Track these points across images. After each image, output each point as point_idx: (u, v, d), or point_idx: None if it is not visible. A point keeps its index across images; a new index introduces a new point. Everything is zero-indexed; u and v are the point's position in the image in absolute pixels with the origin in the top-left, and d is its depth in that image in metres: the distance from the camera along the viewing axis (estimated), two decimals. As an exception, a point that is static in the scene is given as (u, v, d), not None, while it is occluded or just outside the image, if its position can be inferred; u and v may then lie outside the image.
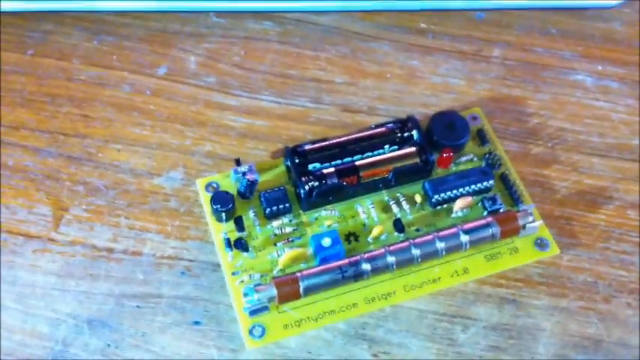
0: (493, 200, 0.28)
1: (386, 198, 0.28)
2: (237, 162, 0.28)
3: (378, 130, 0.29)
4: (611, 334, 0.26)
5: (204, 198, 0.27)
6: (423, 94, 0.32)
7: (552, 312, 0.26)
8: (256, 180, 0.27)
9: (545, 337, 0.26)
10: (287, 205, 0.27)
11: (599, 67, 0.33)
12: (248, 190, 0.27)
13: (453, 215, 0.28)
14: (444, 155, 0.28)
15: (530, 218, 0.27)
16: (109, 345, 0.25)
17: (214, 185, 0.28)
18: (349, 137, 0.28)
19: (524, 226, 0.27)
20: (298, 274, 0.25)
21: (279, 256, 0.26)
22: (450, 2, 0.34)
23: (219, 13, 0.33)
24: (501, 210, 0.28)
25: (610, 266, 0.28)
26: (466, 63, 0.33)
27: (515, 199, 0.28)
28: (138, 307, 0.26)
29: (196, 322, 0.25)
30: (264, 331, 0.25)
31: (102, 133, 0.30)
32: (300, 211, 0.28)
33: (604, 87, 0.33)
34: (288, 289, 0.25)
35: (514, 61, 0.33)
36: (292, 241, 0.27)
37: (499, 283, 0.27)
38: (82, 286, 0.26)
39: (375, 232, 0.27)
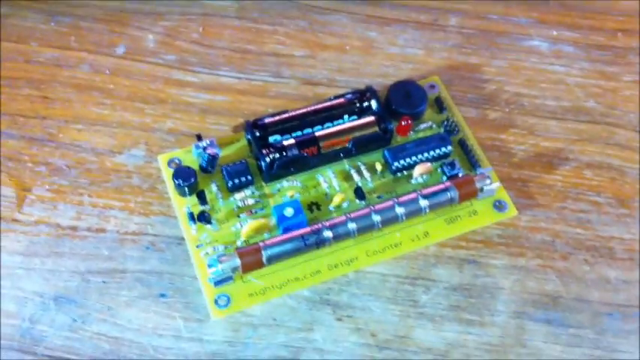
0: (452, 165, 0.29)
1: (347, 167, 0.29)
2: (199, 137, 0.28)
3: (337, 101, 0.29)
4: (569, 290, 0.27)
5: (167, 174, 0.28)
6: (381, 65, 0.32)
7: (511, 271, 0.27)
8: (217, 154, 0.27)
9: (504, 295, 0.27)
10: (249, 177, 0.27)
11: (554, 32, 0.34)
12: (210, 165, 0.27)
13: (413, 181, 0.28)
14: (403, 123, 0.29)
15: (488, 181, 0.28)
16: (75, 320, 0.25)
17: (176, 161, 0.28)
18: (309, 109, 0.29)
19: (481, 189, 0.28)
20: (261, 244, 0.26)
21: (242, 227, 0.27)
22: (407, -27, 0.34)
23: (177, -9, 0.34)
24: (460, 174, 0.28)
25: (567, 225, 0.28)
26: (424, 33, 0.33)
27: (473, 163, 0.29)
28: (104, 282, 0.26)
29: (162, 295, 0.26)
30: (229, 300, 0.25)
31: (62, 114, 0.30)
32: (263, 183, 0.28)
33: (559, 51, 0.33)
34: (251, 258, 0.25)
35: (470, 29, 0.34)
36: (255, 212, 0.27)
37: (459, 245, 0.28)
38: (48, 264, 0.26)
39: (337, 200, 0.27)
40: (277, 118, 0.28)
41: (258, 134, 0.28)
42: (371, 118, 0.29)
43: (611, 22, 0.35)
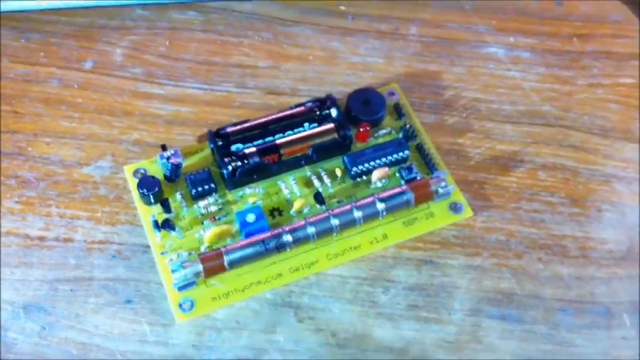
0: (409, 169, 0.30)
1: (308, 173, 0.30)
2: (164, 147, 0.29)
3: (298, 109, 0.30)
4: (523, 287, 0.28)
5: (132, 184, 0.29)
6: (343, 74, 0.33)
7: (467, 270, 0.28)
8: (180, 163, 0.28)
9: (460, 293, 0.28)
10: (212, 185, 0.28)
11: (511, 39, 0.35)
12: (173, 174, 0.28)
13: (372, 186, 0.30)
14: (361, 130, 0.30)
15: (443, 184, 0.29)
16: (44, 328, 0.26)
17: (142, 171, 0.29)
18: (270, 118, 0.30)
19: (437, 192, 0.29)
20: (223, 249, 0.26)
21: (205, 233, 0.28)
22: (368, -16, 0.36)
23: (144, 6, 0.34)
24: (417, 178, 0.30)
25: (521, 225, 0.29)
26: (384, 42, 0.35)
27: (430, 167, 0.30)
28: (71, 290, 0.27)
29: (128, 301, 0.27)
30: (192, 304, 0.26)
31: (31, 128, 0.31)
32: (226, 191, 0.29)
33: (516, 57, 0.34)
34: (213, 263, 0.26)
35: (430, 38, 0.35)
36: (219, 219, 0.28)
37: (417, 246, 0.29)
38: (17, 274, 0.27)
39: (297, 205, 0.28)
40: (239, 127, 0.29)
41: (220, 143, 0.29)
42: (330, 126, 0.30)
43: (566, 27, 0.36)
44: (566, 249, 0.29)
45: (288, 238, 0.27)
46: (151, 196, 0.28)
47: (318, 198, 0.29)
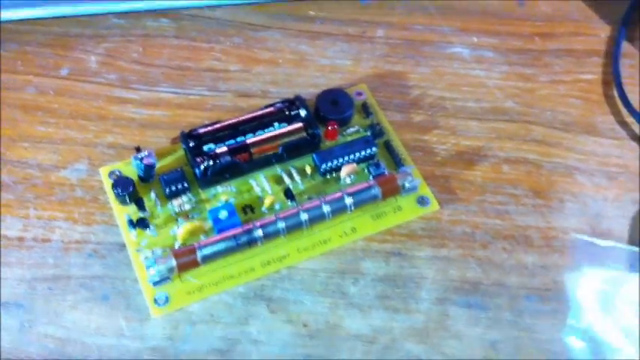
0: (377, 166, 0.31)
1: (279, 171, 0.31)
2: (138, 149, 0.30)
3: (268, 110, 0.31)
4: (488, 276, 0.29)
5: (108, 185, 0.30)
6: (312, 76, 0.34)
7: (434, 261, 0.29)
8: (153, 163, 0.29)
9: (428, 283, 0.29)
10: (185, 184, 0.29)
11: (475, 39, 0.36)
12: (147, 174, 0.29)
13: (342, 182, 0.31)
14: (329, 128, 0.31)
15: (409, 178, 0.30)
16: (23, 324, 0.27)
17: (117, 173, 0.30)
18: (240, 118, 0.31)
19: (403, 186, 0.30)
20: (196, 245, 0.27)
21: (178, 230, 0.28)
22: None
23: (118, 14, 0.35)
24: (385, 174, 0.31)
25: (486, 217, 0.30)
26: (352, 45, 0.36)
27: (397, 162, 0.31)
28: (49, 288, 0.27)
29: (105, 298, 0.27)
30: (167, 299, 0.27)
31: (9, 134, 0.31)
32: (199, 190, 0.30)
33: (480, 57, 0.36)
34: (187, 259, 0.27)
35: (396, 40, 0.36)
36: (192, 217, 0.29)
37: (385, 239, 0.30)
38: (-4, 273, 0.28)
39: (267, 202, 0.29)
40: (210, 128, 0.30)
41: (192, 144, 0.30)
42: (299, 125, 0.31)
43: (528, 27, 0.37)
44: (530, 239, 0.30)
45: (259, 233, 0.28)
46: (126, 196, 0.29)
47: (289, 194, 0.30)
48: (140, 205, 0.29)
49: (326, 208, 0.29)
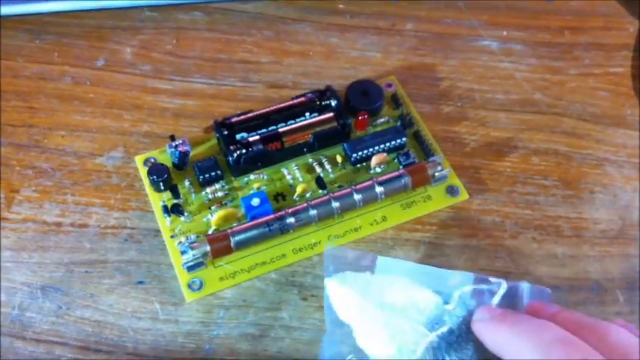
0: (407, 155, 0.31)
1: (310, 160, 0.31)
2: (172, 137, 0.30)
3: (299, 99, 0.32)
4: (518, 265, 0.29)
5: (143, 172, 0.30)
6: (342, 68, 0.35)
7: (464, 250, 0.29)
8: (188, 151, 0.30)
9: (457, 272, 0.29)
10: (218, 172, 0.30)
11: (504, 33, 0.36)
12: (181, 161, 0.30)
13: (372, 172, 0.31)
14: (360, 118, 0.31)
15: (439, 167, 0.30)
16: (60, 307, 0.27)
17: (152, 160, 0.30)
18: (272, 108, 0.31)
19: (433, 175, 0.30)
20: (229, 231, 0.28)
21: (212, 217, 0.29)
22: (365, -17, 0.37)
23: (152, 8, 0.36)
24: (415, 163, 0.31)
25: (516, 207, 0.31)
26: (382, 37, 0.36)
27: (427, 152, 0.31)
28: (86, 272, 0.28)
29: (140, 282, 0.28)
30: (201, 284, 0.28)
31: (47, 122, 0.32)
32: (232, 178, 0.30)
33: (508, 50, 0.36)
34: (220, 244, 0.28)
35: (426, 32, 0.36)
36: (225, 204, 0.30)
37: (415, 228, 0.30)
38: (35, 257, 0.28)
39: (299, 189, 0.30)
40: (243, 117, 0.31)
41: (225, 132, 0.30)
42: (330, 114, 0.31)
43: (558, 21, 0.37)
44: (560, 229, 0.30)
45: (291, 220, 0.28)
46: (161, 183, 0.29)
47: (320, 183, 0.30)
48: (175, 192, 0.29)
49: (357, 197, 0.29)
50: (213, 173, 0.30)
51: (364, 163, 0.31)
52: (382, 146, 0.31)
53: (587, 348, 0.20)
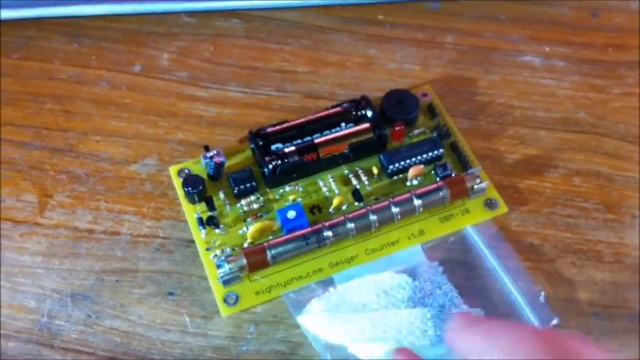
0: (444, 167, 0.30)
1: (346, 172, 0.30)
2: (206, 148, 0.30)
3: (334, 110, 0.31)
4: (557, 290, 0.28)
5: (177, 182, 0.30)
6: (380, 80, 0.34)
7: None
8: (223, 162, 0.29)
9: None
10: (253, 183, 0.29)
11: (547, 49, 0.36)
12: (216, 172, 0.29)
13: (408, 184, 0.30)
14: (396, 129, 0.31)
15: (478, 180, 0.29)
16: (90, 316, 0.27)
17: (186, 171, 0.30)
18: (308, 118, 0.31)
19: (472, 188, 0.29)
20: (265, 244, 0.27)
21: (248, 230, 0.28)
22: (405, -6, 0.37)
23: (190, 14, 0.36)
24: (452, 175, 0.30)
25: (556, 229, 0.30)
26: (420, 50, 0.35)
27: (464, 165, 0.31)
28: (117, 281, 0.28)
29: (170, 293, 0.28)
30: (237, 298, 0.27)
31: (82, 127, 0.32)
32: (267, 189, 0.30)
33: (551, 66, 0.35)
34: (257, 258, 0.27)
35: (465, 46, 0.36)
36: (260, 216, 0.29)
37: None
38: (66, 264, 0.28)
39: (336, 202, 0.29)
40: (278, 127, 0.30)
41: (261, 143, 0.30)
42: (366, 125, 0.31)
43: (601, 38, 0.36)
44: (600, 254, 0.29)
45: (328, 233, 0.28)
46: (195, 195, 0.29)
47: (357, 195, 0.29)
48: (210, 204, 0.29)
49: (395, 210, 0.28)
50: (248, 185, 0.29)
51: (400, 175, 0.30)
52: (419, 157, 0.30)
53: None
